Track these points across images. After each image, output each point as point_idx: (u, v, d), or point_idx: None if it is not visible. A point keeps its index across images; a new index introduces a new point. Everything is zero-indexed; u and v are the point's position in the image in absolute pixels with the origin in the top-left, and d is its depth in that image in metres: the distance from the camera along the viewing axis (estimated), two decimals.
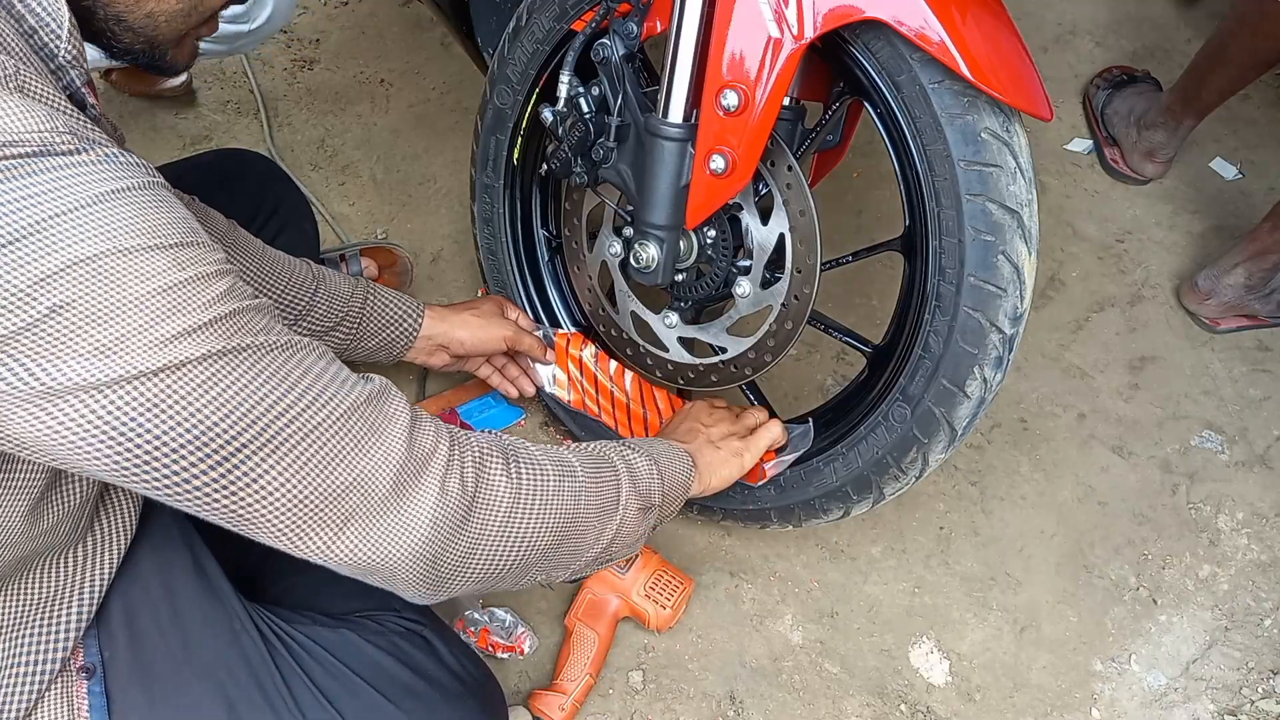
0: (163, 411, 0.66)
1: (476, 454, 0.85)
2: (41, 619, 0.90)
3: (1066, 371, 1.67)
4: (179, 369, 0.66)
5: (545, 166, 1.24)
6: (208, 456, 0.69)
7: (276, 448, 0.71)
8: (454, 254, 1.75)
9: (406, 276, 1.64)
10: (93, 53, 0.82)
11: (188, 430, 0.67)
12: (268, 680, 0.94)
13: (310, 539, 0.76)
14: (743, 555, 1.43)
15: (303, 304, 1.24)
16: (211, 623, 0.95)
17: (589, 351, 1.41)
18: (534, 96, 1.32)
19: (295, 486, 0.73)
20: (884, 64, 1.02)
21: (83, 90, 0.77)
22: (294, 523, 0.74)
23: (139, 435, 0.66)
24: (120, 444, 0.66)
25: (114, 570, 0.94)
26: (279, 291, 1.22)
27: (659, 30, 1.13)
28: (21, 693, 0.88)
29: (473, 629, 1.31)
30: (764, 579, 1.42)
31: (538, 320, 1.47)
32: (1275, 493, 1.55)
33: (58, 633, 0.91)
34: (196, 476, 0.69)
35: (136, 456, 0.67)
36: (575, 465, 0.94)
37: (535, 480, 0.89)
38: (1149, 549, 1.48)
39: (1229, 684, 1.37)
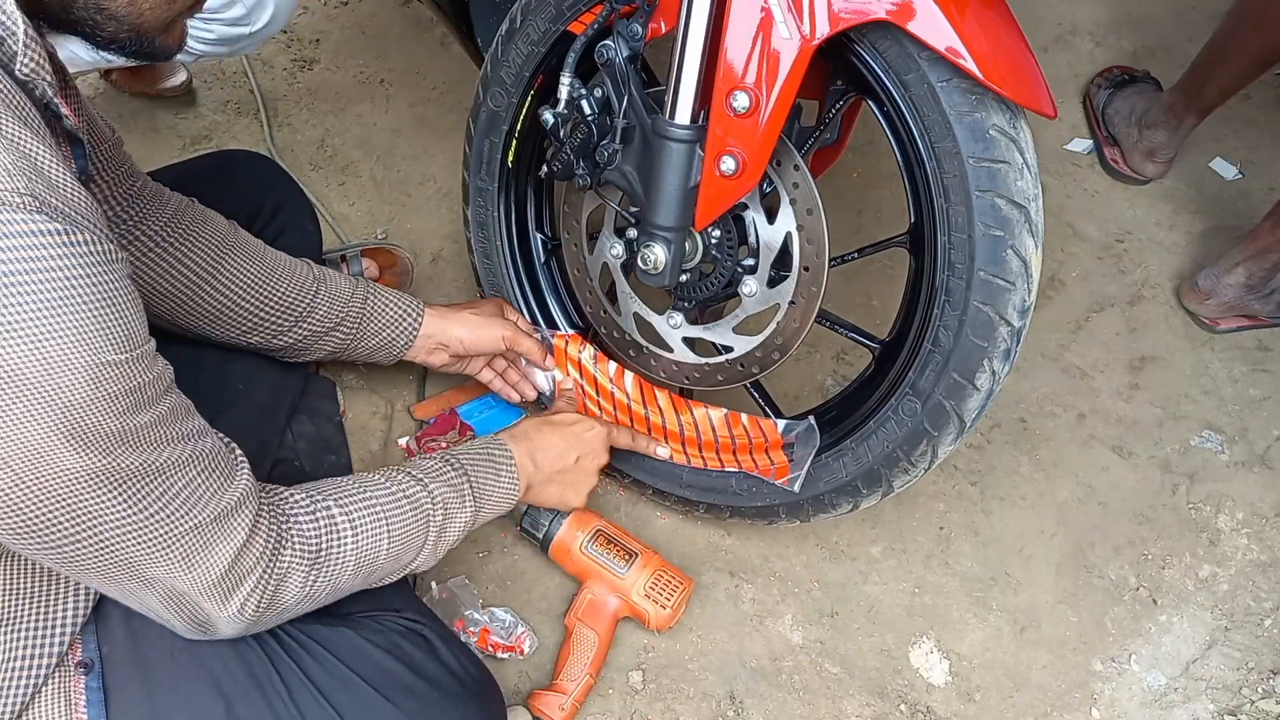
0: (17, 495, 0.72)
1: (281, 569, 0.90)
2: (37, 613, 0.90)
3: (1066, 371, 1.67)
4: (49, 483, 0.73)
5: (545, 169, 1.24)
6: (40, 539, 0.76)
7: (103, 550, 0.79)
8: (454, 254, 1.75)
9: (407, 277, 1.64)
10: (87, 53, 0.81)
11: (22, 520, 0.74)
12: (265, 678, 0.94)
13: (119, 593, 0.85)
14: (743, 555, 1.43)
15: (303, 305, 1.23)
16: None
17: (588, 353, 1.41)
18: (529, 99, 1.32)
19: (111, 575, 0.82)
20: (891, 63, 1.03)
21: (55, 101, 0.76)
22: (109, 587, 0.84)
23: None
24: None
25: None
26: (280, 293, 1.21)
27: (663, 32, 1.13)
28: (17, 687, 0.88)
29: (473, 629, 1.31)
30: (764, 579, 1.42)
31: (535, 324, 1.47)
32: (1275, 493, 1.55)
33: (54, 627, 0.91)
34: (23, 544, 0.77)
35: None
36: (385, 515, 1.00)
37: (331, 580, 0.95)
38: (1149, 549, 1.49)
39: (1229, 684, 1.37)
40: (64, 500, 0.74)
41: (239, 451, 0.90)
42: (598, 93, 1.15)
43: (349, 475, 1.03)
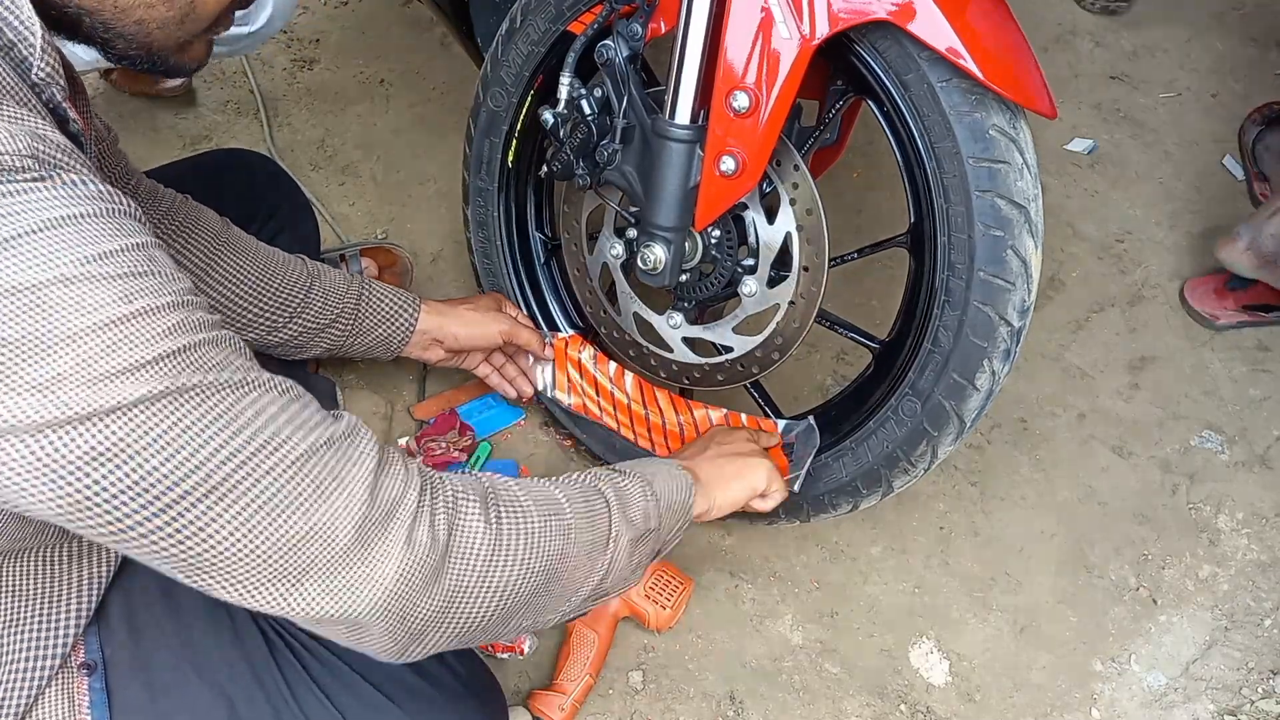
0: (102, 457, 0.62)
1: (450, 500, 0.79)
2: (40, 614, 0.90)
3: (1066, 371, 1.67)
4: (118, 412, 0.62)
5: (545, 169, 1.24)
6: (149, 504, 0.64)
7: (223, 495, 0.66)
8: (454, 254, 1.75)
9: (406, 277, 1.64)
10: (86, 53, 0.81)
11: (127, 477, 0.63)
12: (268, 678, 0.94)
13: (264, 592, 0.70)
14: (743, 555, 1.43)
15: (297, 301, 1.23)
16: (213, 620, 0.95)
17: (588, 353, 1.41)
18: (529, 99, 1.32)
19: (245, 536, 0.67)
20: (891, 63, 1.03)
21: (64, 105, 0.73)
22: (246, 575, 0.69)
23: (78, 481, 0.62)
24: (59, 489, 0.62)
25: (114, 566, 0.94)
26: (273, 290, 1.21)
27: (663, 31, 1.13)
28: (22, 688, 0.88)
29: None
30: (764, 579, 1.42)
31: (535, 324, 1.47)
32: (1275, 493, 1.55)
33: (57, 627, 0.91)
34: (140, 524, 0.65)
35: (76, 502, 0.63)
36: (562, 501, 0.88)
37: (517, 524, 0.83)
38: (1149, 549, 1.49)
39: (1229, 684, 1.37)
40: (146, 438, 0.63)
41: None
42: (598, 93, 1.15)
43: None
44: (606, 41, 1.13)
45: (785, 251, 1.18)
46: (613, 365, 1.40)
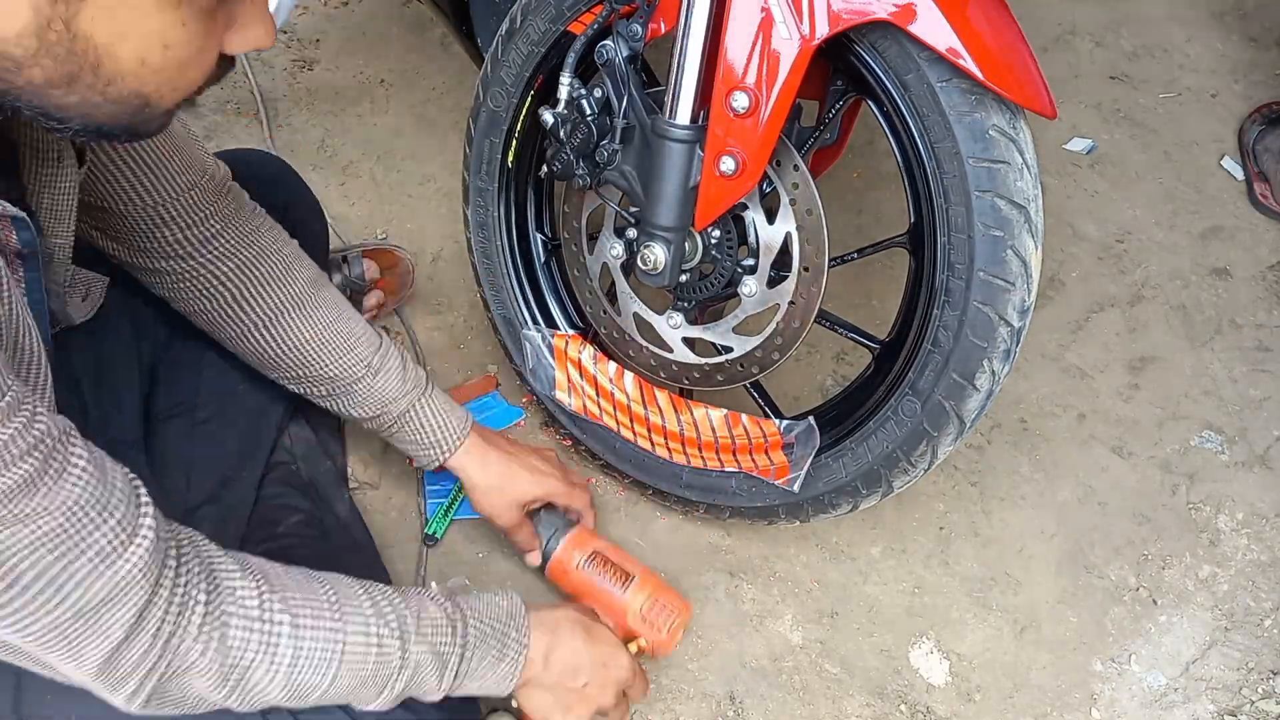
0: None
1: (181, 667, 0.80)
2: None
3: (1066, 371, 1.67)
4: None
5: (545, 169, 1.24)
6: None
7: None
8: (454, 254, 1.75)
9: (407, 278, 1.64)
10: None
11: None
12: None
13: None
14: (743, 555, 1.43)
15: (345, 384, 1.20)
16: None
17: (588, 353, 1.41)
18: (529, 99, 1.32)
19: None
20: (891, 63, 1.03)
21: None
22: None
23: None
24: None
25: None
26: (325, 369, 1.18)
27: (663, 32, 1.13)
28: None
29: None
30: (764, 579, 1.42)
31: (535, 324, 1.46)
32: (1275, 493, 1.55)
33: None
34: None
35: None
36: (341, 656, 0.88)
37: (254, 690, 0.85)
38: (1149, 549, 1.49)
39: (1229, 684, 1.37)
40: None
41: (147, 513, 0.78)
42: (598, 93, 1.15)
43: (343, 583, 0.93)
44: (606, 42, 1.13)
45: (785, 251, 1.18)
46: (613, 365, 1.40)
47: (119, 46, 0.64)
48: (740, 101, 1.05)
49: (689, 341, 1.31)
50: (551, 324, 1.48)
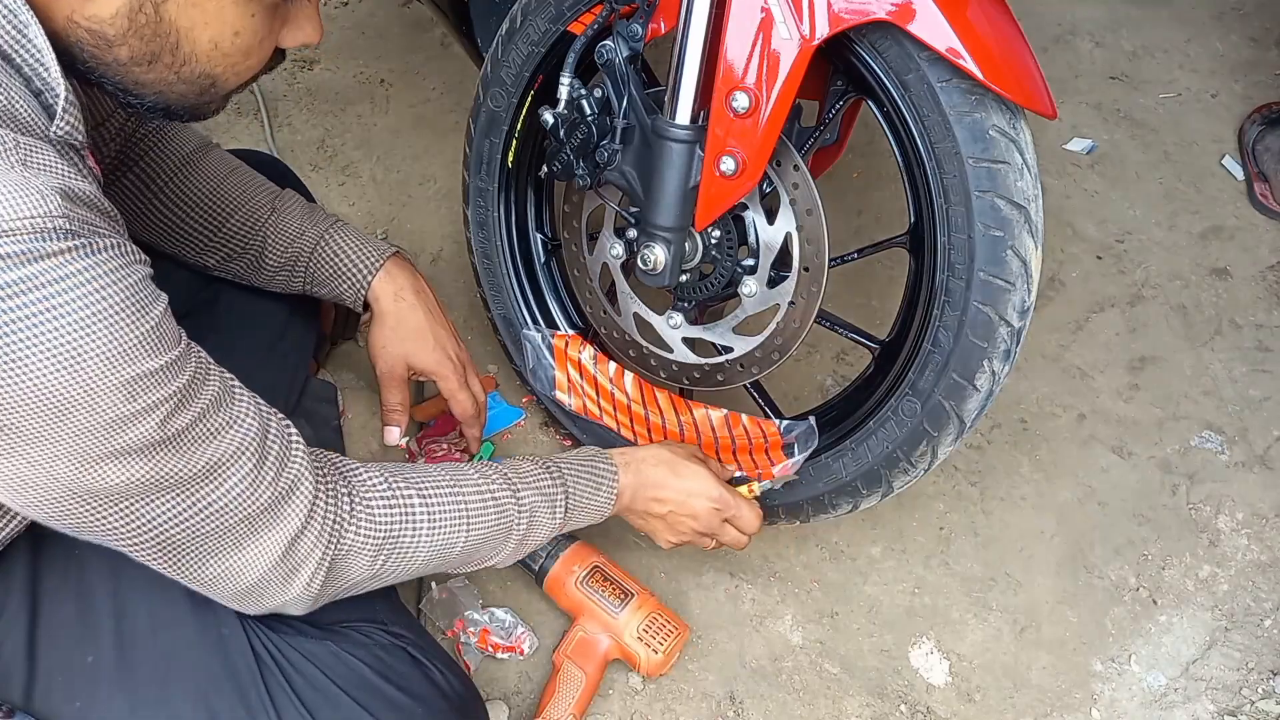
0: (67, 503, 0.75)
1: (344, 549, 0.90)
2: None
3: (1066, 371, 1.67)
4: (96, 494, 0.75)
5: (545, 169, 1.24)
6: (99, 534, 0.79)
7: (161, 544, 0.81)
8: (454, 254, 1.75)
9: None
10: None
11: (80, 520, 0.77)
12: (252, 691, 0.93)
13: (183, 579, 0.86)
14: (743, 555, 1.43)
15: (252, 236, 1.22)
16: (199, 631, 0.95)
17: (588, 353, 1.41)
18: (529, 99, 1.32)
19: (170, 565, 0.84)
20: (891, 63, 1.03)
21: (83, 152, 0.78)
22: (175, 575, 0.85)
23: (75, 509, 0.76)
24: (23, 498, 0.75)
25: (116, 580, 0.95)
26: (228, 222, 1.21)
27: (663, 32, 1.13)
28: None
29: (473, 629, 1.31)
30: (764, 579, 1.42)
31: (535, 324, 1.46)
32: (1275, 493, 1.55)
33: None
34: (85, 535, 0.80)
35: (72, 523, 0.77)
36: (468, 513, 0.99)
37: (405, 553, 0.95)
38: (1149, 549, 1.49)
39: (1229, 684, 1.37)
40: (116, 507, 0.76)
41: (290, 427, 0.89)
42: (598, 93, 1.15)
43: (436, 463, 1.01)
44: (606, 42, 1.13)
45: (785, 252, 1.17)
46: (613, 365, 1.40)
47: (198, 31, 0.76)
48: (740, 102, 1.04)
49: (689, 342, 1.31)
50: (551, 324, 1.48)
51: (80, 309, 0.68)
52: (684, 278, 1.24)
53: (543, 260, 1.48)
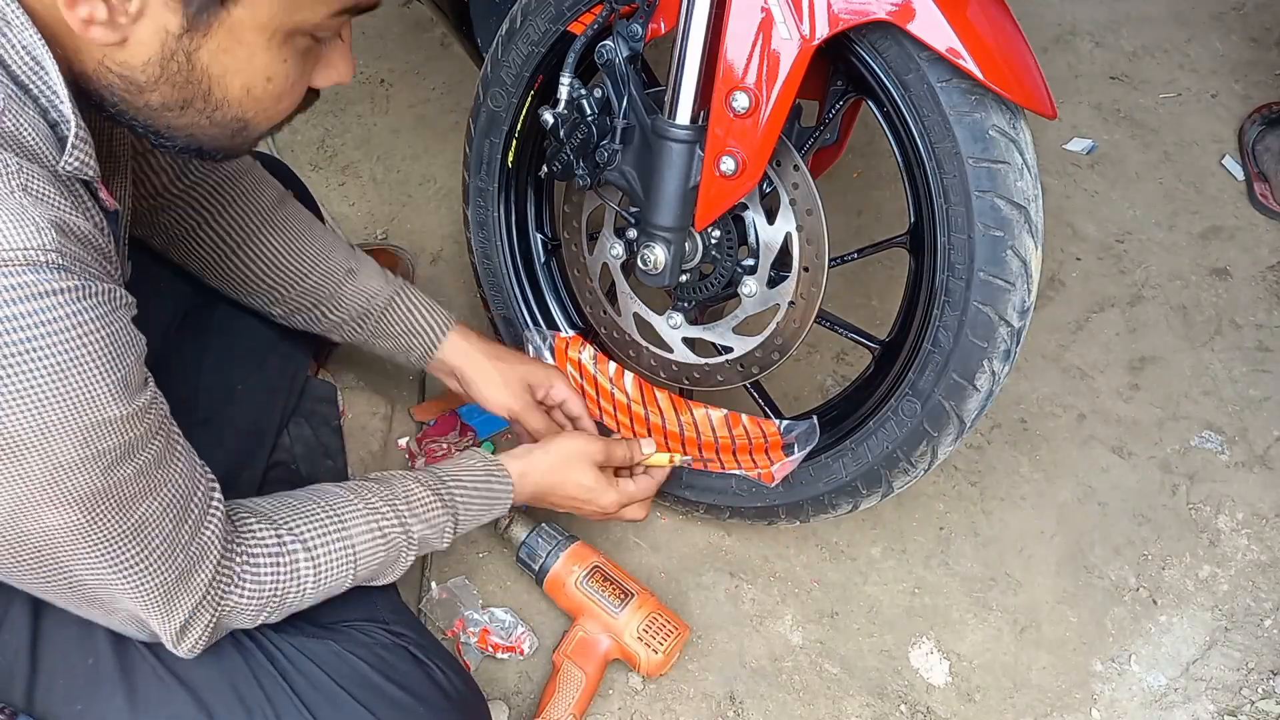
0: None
1: (229, 607, 0.90)
2: None
3: (1066, 371, 1.67)
4: (26, 537, 0.75)
5: (545, 169, 1.24)
6: (13, 576, 0.81)
7: (71, 589, 0.82)
8: (454, 254, 1.75)
9: (407, 278, 1.64)
10: None
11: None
12: (248, 692, 0.94)
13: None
14: (743, 555, 1.43)
15: (326, 292, 1.23)
16: None
17: (588, 354, 1.41)
18: (529, 99, 1.32)
19: (80, 610, 0.86)
20: (891, 64, 1.03)
21: (95, 186, 0.78)
22: (77, 610, 0.87)
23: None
24: None
25: None
26: (306, 280, 1.22)
27: (663, 32, 1.13)
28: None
29: (473, 629, 1.31)
30: (764, 579, 1.42)
31: (535, 324, 1.46)
32: (1275, 493, 1.55)
33: None
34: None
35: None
36: (355, 554, 0.98)
37: (289, 605, 0.95)
38: (1149, 549, 1.49)
39: (1229, 684, 1.37)
40: (40, 550, 0.77)
41: (215, 487, 0.89)
42: (598, 93, 1.15)
43: (330, 493, 1.00)
44: (606, 42, 1.13)
45: (785, 252, 1.17)
46: (613, 365, 1.40)
47: (230, 78, 0.75)
48: (740, 102, 1.04)
49: (689, 342, 1.31)
50: (551, 324, 1.48)
51: (57, 355, 0.69)
52: (684, 278, 1.24)
53: (543, 260, 1.48)
